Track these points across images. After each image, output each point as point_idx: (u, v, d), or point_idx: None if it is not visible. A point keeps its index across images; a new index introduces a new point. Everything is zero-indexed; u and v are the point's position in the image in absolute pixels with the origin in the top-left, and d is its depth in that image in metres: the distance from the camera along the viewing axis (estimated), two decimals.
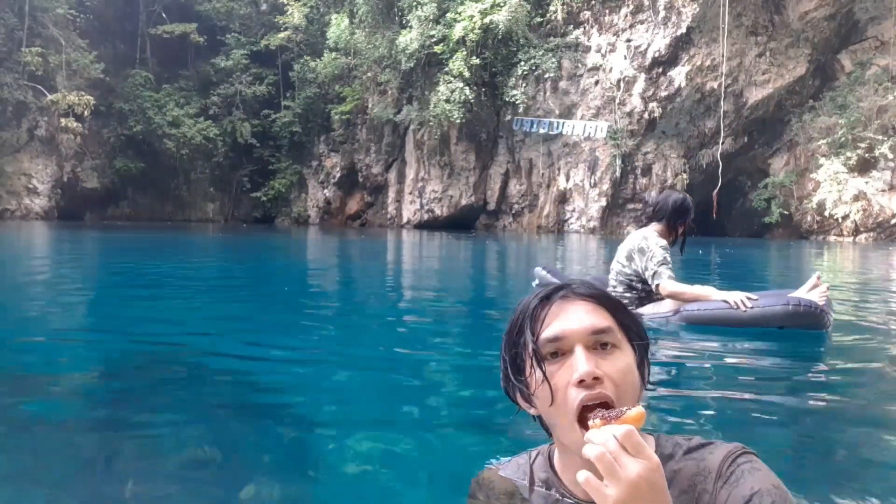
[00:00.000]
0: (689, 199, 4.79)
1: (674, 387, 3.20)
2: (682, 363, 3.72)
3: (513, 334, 1.18)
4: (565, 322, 1.13)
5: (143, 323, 4.82)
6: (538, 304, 1.16)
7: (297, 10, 36.02)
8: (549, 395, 1.10)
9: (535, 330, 1.13)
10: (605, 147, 28.10)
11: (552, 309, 1.15)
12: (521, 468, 1.28)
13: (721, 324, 4.35)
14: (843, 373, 3.58)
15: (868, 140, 23.99)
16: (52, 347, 3.97)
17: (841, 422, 2.69)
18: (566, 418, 1.09)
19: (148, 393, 3.00)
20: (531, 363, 1.12)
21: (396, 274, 10.15)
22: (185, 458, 2.17)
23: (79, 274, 8.80)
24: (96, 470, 2.09)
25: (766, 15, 26.52)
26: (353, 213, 36.08)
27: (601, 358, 1.10)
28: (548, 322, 1.13)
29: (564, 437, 1.13)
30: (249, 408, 2.83)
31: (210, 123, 35.25)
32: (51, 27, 31.40)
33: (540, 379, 1.11)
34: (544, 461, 1.26)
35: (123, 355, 3.81)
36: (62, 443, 2.32)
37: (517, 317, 1.18)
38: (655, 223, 4.76)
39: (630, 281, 4.78)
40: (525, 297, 1.21)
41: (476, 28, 27.13)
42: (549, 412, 1.12)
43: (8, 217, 30.46)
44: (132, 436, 2.40)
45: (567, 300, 1.16)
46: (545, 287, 1.20)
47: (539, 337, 1.12)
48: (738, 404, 2.87)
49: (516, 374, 1.16)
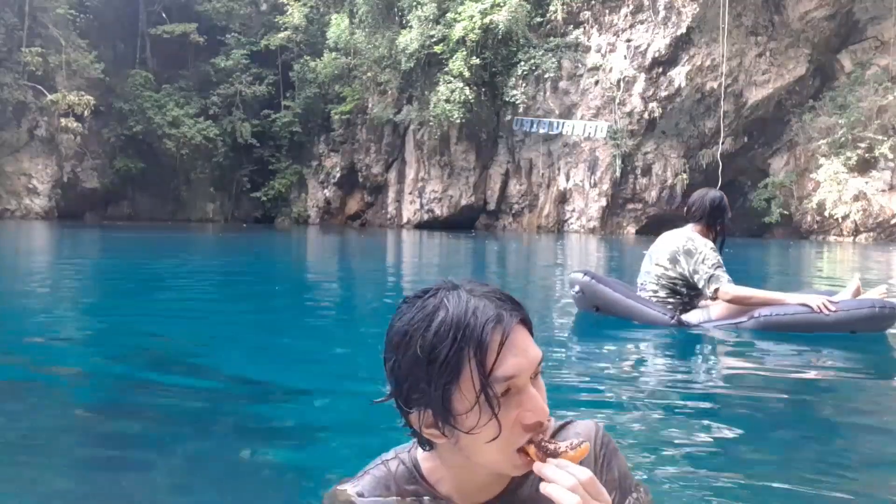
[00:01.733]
0: (725, 198, 4.67)
1: (790, 405, 3.02)
2: (782, 376, 3.51)
3: (441, 359, 0.97)
4: (519, 356, 0.99)
5: (143, 323, 4.82)
6: (489, 332, 0.97)
7: (297, 10, 36.00)
8: (494, 433, 0.98)
9: (487, 364, 0.97)
10: (605, 147, 28.09)
11: (503, 339, 0.98)
12: (381, 483, 1.15)
13: (800, 329, 4.19)
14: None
15: (868, 140, 23.98)
16: (51, 347, 3.97)
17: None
18: (503, 453, 1.00)
19: (146, 394, 3.00)
20: (477, 401, 0.97)
21: (396, 274, 10.15)
22: (184, 457, 2.17)
23: (78, 273, 8.80)
24: (97, 469, 2.09)
25: (766, 15, 26.51)
26: (353, 213, 36.07)
27: (537, 390, 1.02)
28: (502, 356, 0.97)
29: (483, 459, 1.03)
30: (250, 407, 2.82)
31: (210, 123, 35.23)
32: (51, 27, 31.38)
33: (487, 420, 0.97)
34: (408, 472, 1.15)
35: (122, 355, 3.81)
36: (62, 442, 2.31)
37: (450, 339, 0.97)
38: (693, 224, 4.60)
39: (674, 285, 4.53)
40: (444, 310, 0.99)
41: (476, 28, 27.13)
42: (480, 447, 1.00)
43: (8, 217, 30.45)
44: (132, 436, 2.40)
45: (510, 326, 1.00)
46: (476, 303, 1.00)
47: (492, 374, 0.97)
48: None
49: (444, 407, 0.98)
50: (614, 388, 3.09)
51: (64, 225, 25.98)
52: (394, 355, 1.02)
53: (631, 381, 3.31)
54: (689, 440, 2.38)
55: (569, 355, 3.94)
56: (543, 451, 0.99)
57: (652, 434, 2.42)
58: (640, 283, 4.74)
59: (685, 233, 4.58)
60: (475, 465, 1.05)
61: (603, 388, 3.09)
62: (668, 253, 4.53)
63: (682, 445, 2.31)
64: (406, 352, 1.00)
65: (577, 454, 0.98)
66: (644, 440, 2.34)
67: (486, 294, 1.03)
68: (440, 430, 1.01)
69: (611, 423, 2.47)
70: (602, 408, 2.77)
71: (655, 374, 3.56)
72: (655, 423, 2.55)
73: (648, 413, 2.68)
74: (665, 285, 4.55)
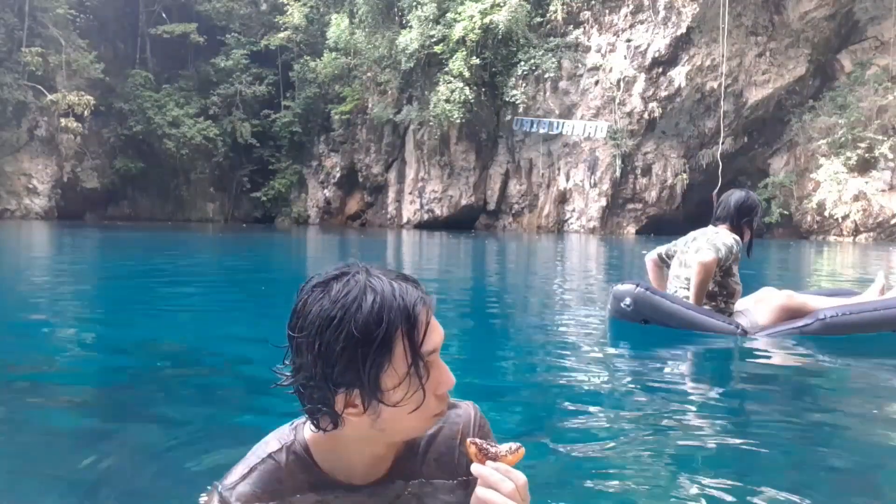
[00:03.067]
0: (752, 197, 4.38)
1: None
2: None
3: (375, 338, 1.02)
4: (436, 332, 1.09)
5: (143, 322, 4.82)
6: (419, 311, 1.06)
7: (297, 10, 36.01)
8: (418, 403, 1.07)
9: (418, 340, 1.05)
10: (605, 147, 28.10)
11: (427, 317, 1.07)
12: (273, 478, 1.14)
13: (869, 329, 4.00)
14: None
15: (868, 140, 23.99)
16: (52, 347, 3.98)
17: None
18: (422, 419, 1.10)
19: (144, 396, 3.00)
20: (407, 375, 1.05)
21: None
22: (182, 455, 2.16)
23: (79, 272, 8.80)
24: (96, 471, 2.09)
25: (766, 15, 26.52)
26: (353, 213, 36.09)
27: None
28: (428, 332, 1.07)
29: (402, 428, 1.10)
30: (250, 407, 2.82)
31: (210, 123, 35.25)
32: (51, 27, 31.40)
33: (414, 391, 1.06)
34: (299, 461, 1.16)
35: (121, 351, 3.81)
36: (61, 441, 2.31)
37: (384, 320, 1.02)
38: (722, 225, 4.36)
39: (709, 287, 4.25)
40: (371, 292, 1.04)
41: (476, 28, 27.13)
42: (402, 418, 1.07)
43: (8, 217, 30.46)
44: (131, 434, 2.39)
45: (432, 305, 1.10)
46: (398, 286, 1.07)
47: (421, 349, 1.05)
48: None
49: (375, 384, 1.04)
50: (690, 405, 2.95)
51: (64, 225, 25.98)
52: (318, 339, 1.03)
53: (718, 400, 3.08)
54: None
55: (642, 369, 3.62)
56: (484, 453, 1.06)
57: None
58: (673, 288, 4.46)
59: (715, 230, 4.34)
60: (385, 438, 1.12)
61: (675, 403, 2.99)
62: (697, 252, 4.28)
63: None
64: (337, 334, 1.02)
65: (514, 458, 1.06)
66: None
67: (399, 277, 1.10)
68: (364, 407, 1.05)
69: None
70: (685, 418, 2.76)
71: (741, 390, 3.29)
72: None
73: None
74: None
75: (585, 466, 2.07)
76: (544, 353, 3.96)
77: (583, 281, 9.00)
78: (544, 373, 3.46)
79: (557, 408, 2.77)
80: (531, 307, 6.39)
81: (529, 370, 3.59)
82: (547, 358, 3.81)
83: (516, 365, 3.77)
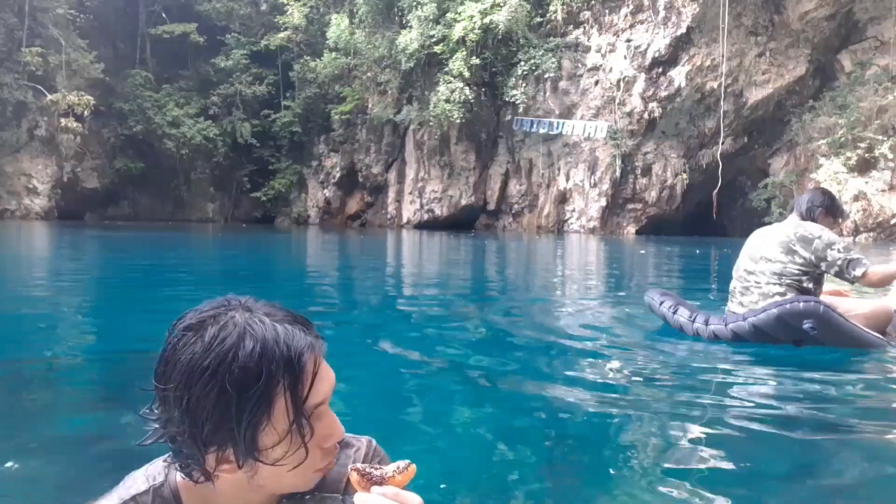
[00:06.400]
0: (828, 195, 3.98)
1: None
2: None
3: (253, 394, 0.89)
4: (325, 381, 0.96)
5: (143, 322, 4.82)
6: (305, 361, 0.93)
7: (297, 10, 36.04)
8: (300, 460, 0.94)
9: (302, 395, 0.92)
10: (605, 147, 28.10)
11: (315, 367, 0.94)
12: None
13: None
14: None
15: (868, 140, 23.98)
16: (51, 346, 3.97)
17: None
18: (304, 476, 0.97)
19: (143, 396, 2.99)
20: (289, 433, 0.92)
21: (395, 274, 10.15)
22: None
23: (78, 272, 8.80)
24: (96, 471, 2.09)
25: (766, 15, 26.52)
26: (353, 213, 36.11)
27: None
28: (315, 384, 0.94)
29: (282, 485, 0.98)
30: None
31: (210, 123, 35.27)
32: (51, 27, 31.40)
33: (296, 449, 0.93)
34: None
35: (121, 354, 3.81)
36: (61, 440, 2.31)
37: (264, 372, 0.89)
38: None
39: (800, 280, 3.80)
40: (251, 339, 0.91)
41: (476, 28, 27.14)
42: (282, 476, 0.95)
43: (8, 217, 30.45)
44: (130, 433, 2.39)
45: (321, 352, 0.97)
46: (282, 330, 0.93)
47: (306, 403, 0.93)
48: None
49: (251, 443, 0.91)
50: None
51: (64, 225, 25.98)
52: (187, 392, 0.90)
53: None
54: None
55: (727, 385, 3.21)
56: (368, 478, 0.93)
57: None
58: (741, 288, 4.03)
59: (791, 222, 3.94)
60: (264, 492, 0.98)
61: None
62: (780, 245, 3.84)
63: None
64: (209, 388, 0.89)
65: (404, 478, 0.94)
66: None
67: (285, 318, 0.96)
68: (239, 464, 0.92)
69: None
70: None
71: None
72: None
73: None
74: (790, 284, 3.80)
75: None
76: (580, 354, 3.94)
77: (586, 281, 9.01)
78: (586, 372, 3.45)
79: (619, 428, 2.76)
80: (560, 305, 6.38)
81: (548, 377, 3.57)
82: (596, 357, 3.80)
83: (524, 365, 3.76)
